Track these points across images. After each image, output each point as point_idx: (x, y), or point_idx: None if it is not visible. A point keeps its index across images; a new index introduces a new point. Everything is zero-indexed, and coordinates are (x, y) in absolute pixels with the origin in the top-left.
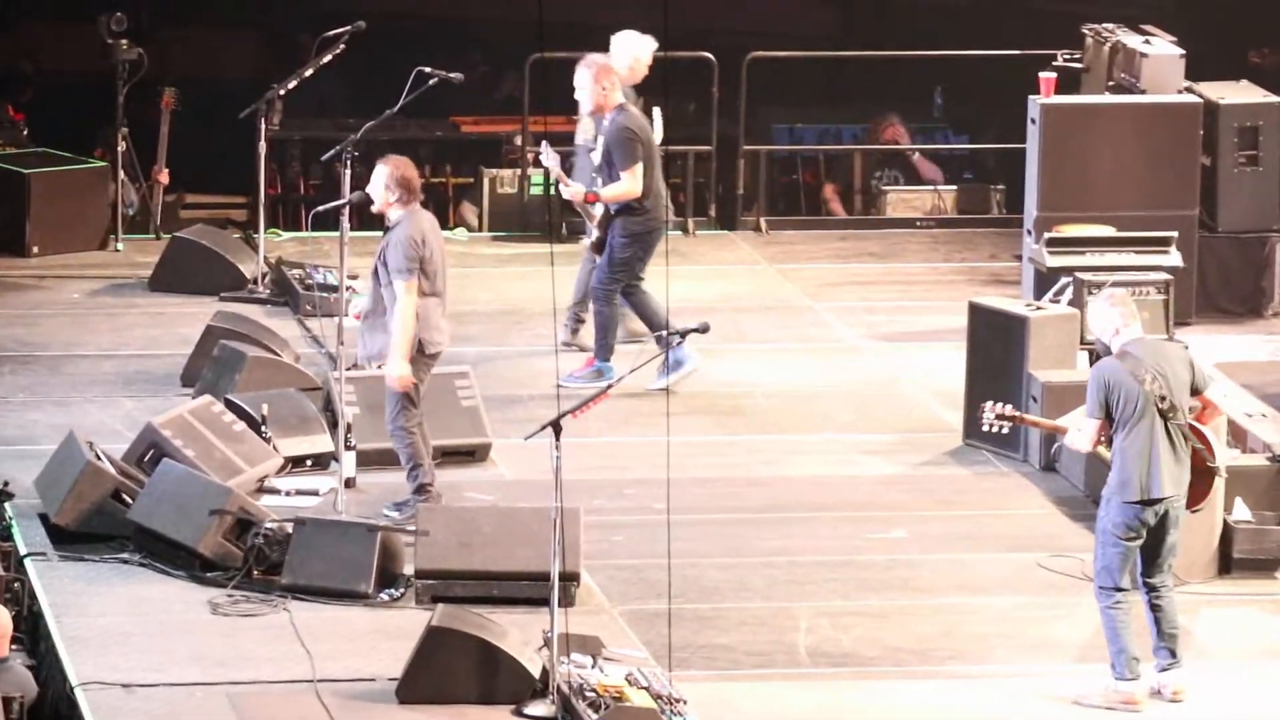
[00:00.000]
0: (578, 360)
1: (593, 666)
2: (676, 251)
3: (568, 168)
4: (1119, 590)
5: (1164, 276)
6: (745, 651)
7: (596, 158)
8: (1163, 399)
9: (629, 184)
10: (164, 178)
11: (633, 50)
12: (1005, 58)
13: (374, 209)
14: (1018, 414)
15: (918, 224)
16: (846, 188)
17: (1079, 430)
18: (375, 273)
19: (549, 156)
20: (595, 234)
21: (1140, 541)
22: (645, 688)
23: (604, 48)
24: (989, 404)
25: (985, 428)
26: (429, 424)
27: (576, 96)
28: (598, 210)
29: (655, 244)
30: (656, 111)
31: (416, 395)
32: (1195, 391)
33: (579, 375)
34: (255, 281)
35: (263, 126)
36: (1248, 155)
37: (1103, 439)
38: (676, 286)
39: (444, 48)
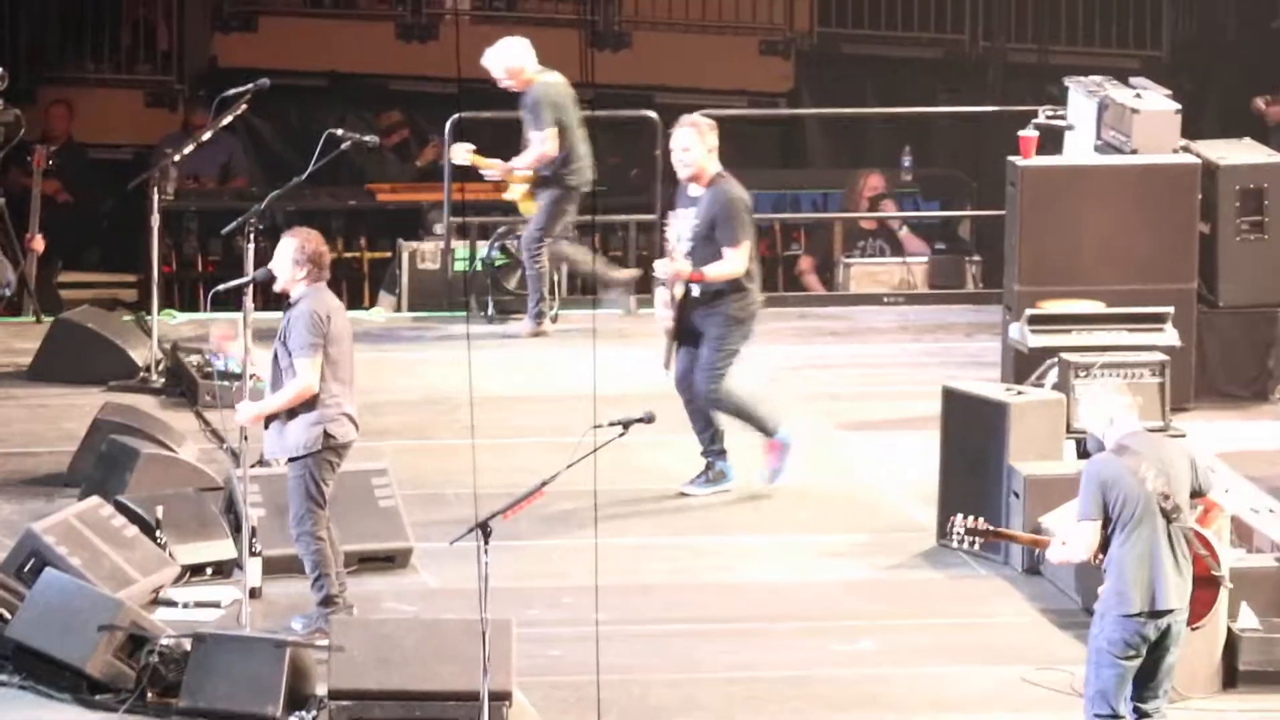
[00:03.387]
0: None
1: None
2: (617, 332)
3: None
4: (1115, 718)
5: (1159, 357)
6: None
7: (684, 229)
8: (1165, 498)
9: (737, 261)
10: (38, 245)
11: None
12: (980, 115)
13: (277, 287)
14: (991, 529)
15: (885, 300)
16: (824, 260)
17: (1065, 542)
18: (275, 357)
19: (676, 229)
20: (669, 323)
21: (1139, 661)
22: None
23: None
24: (959, 518)
25: (956, 545)
26: (341, 527)
27: (675, 159)
28: (679, 291)
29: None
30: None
31: (322, 495)
32: (1197, 493)
33: (699, 483)
34: (148, 369)
35: (155, 197)
36: (1251, 222)
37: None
38: (617, 371)
39: (359, 107)
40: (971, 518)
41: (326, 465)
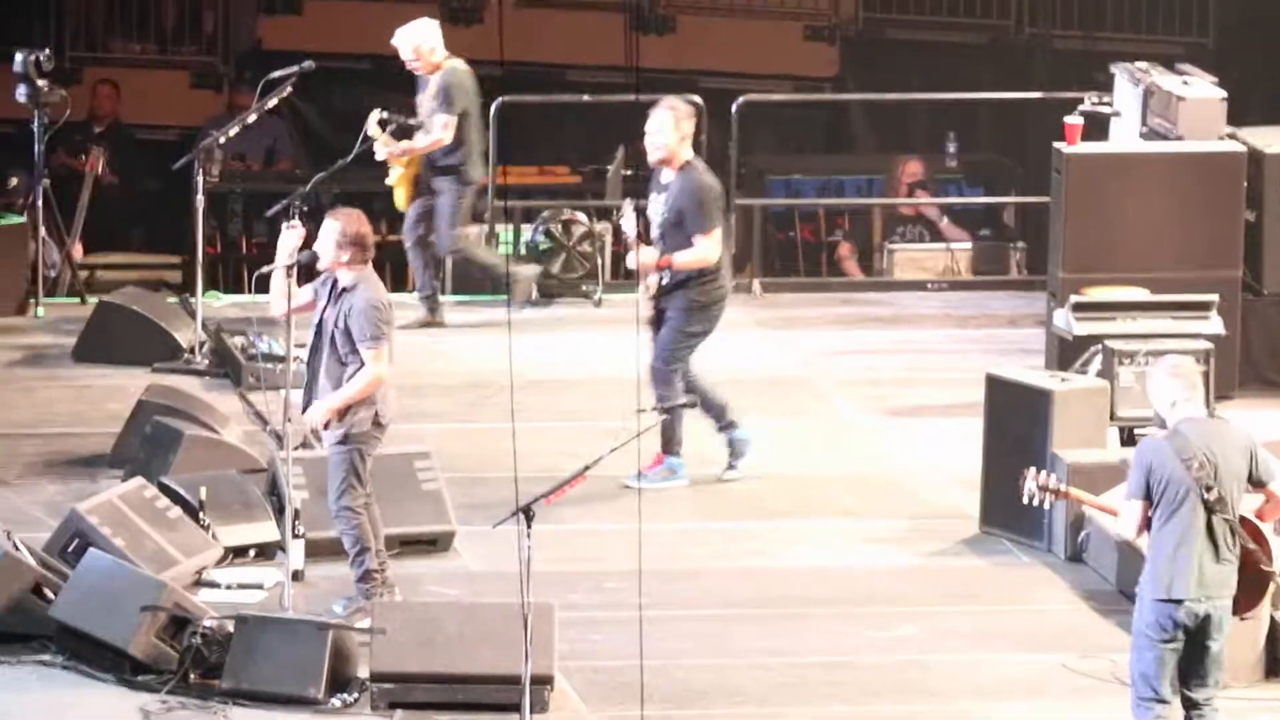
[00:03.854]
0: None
1: None
2: None
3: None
4: (1159, 701)
5: (1204, 345)
6: None
7: (655, 216)
8: (1209, 489)
9: (707, 249)
10: (78, 252)
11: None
12: (1026, 101)
13: (321, 267)
14: (1064, 488)
15: (929, 286)
16: (864, 246)
17: (1121, 516)
18: (326, 341)
19: (629, 219)
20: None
21: (1177, 645)
22: None
23: (578, 91)
24: (1031, 471)
25: (1026, 499)
26: (384, 509)
27: (647, 142)
28: (654, 280)
29: (719, 317)
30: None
31: (364, 471)
32: (1258, 484)
33: (651, 474)
34: (192, 351)
35: (200, 179)
36: None
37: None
38: None
39: (400, 89)
40: (1045, 473)
41: (372, 442)
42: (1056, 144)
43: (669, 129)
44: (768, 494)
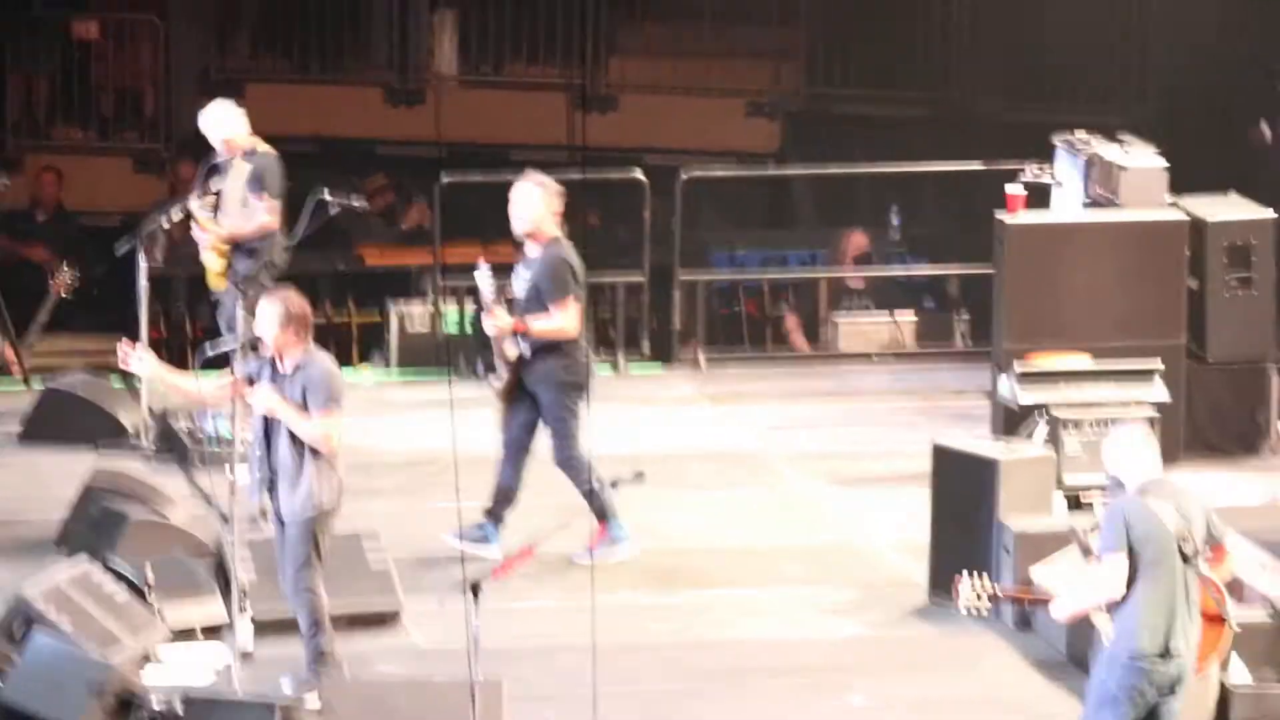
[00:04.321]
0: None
1: None
2: (608, 390)
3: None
4: None
5: (1148, 412)
6: None
7: (519, 290)
8: (1185, 541)
9: (563, 319)
10: (9, 354)
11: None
12: (968, 173)
13: (266, 352)
14: (999, 591)
15: (873, 358)
16: (810, 319)
17: (1090, 580)
18: (271, 440)
19: (485, 278)
20: (503, 378)
21: (1148, 705)
22: None
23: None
24: (965, 577)
25: (964, 611)
26: (332, 588)
27: (512, 214)
28: (511, 351)
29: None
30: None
31: (324, 548)
32: (1211, 541)
33: (599, 547)
34: (137, 434)
35: (143, 263)
36: (1239, 277)
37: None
38: (607, 431)
39: (346, 171)
40: (981, 578)
41: (330, 522)
42: (998, 214)
43: (535, 202)
44: (717, 566)
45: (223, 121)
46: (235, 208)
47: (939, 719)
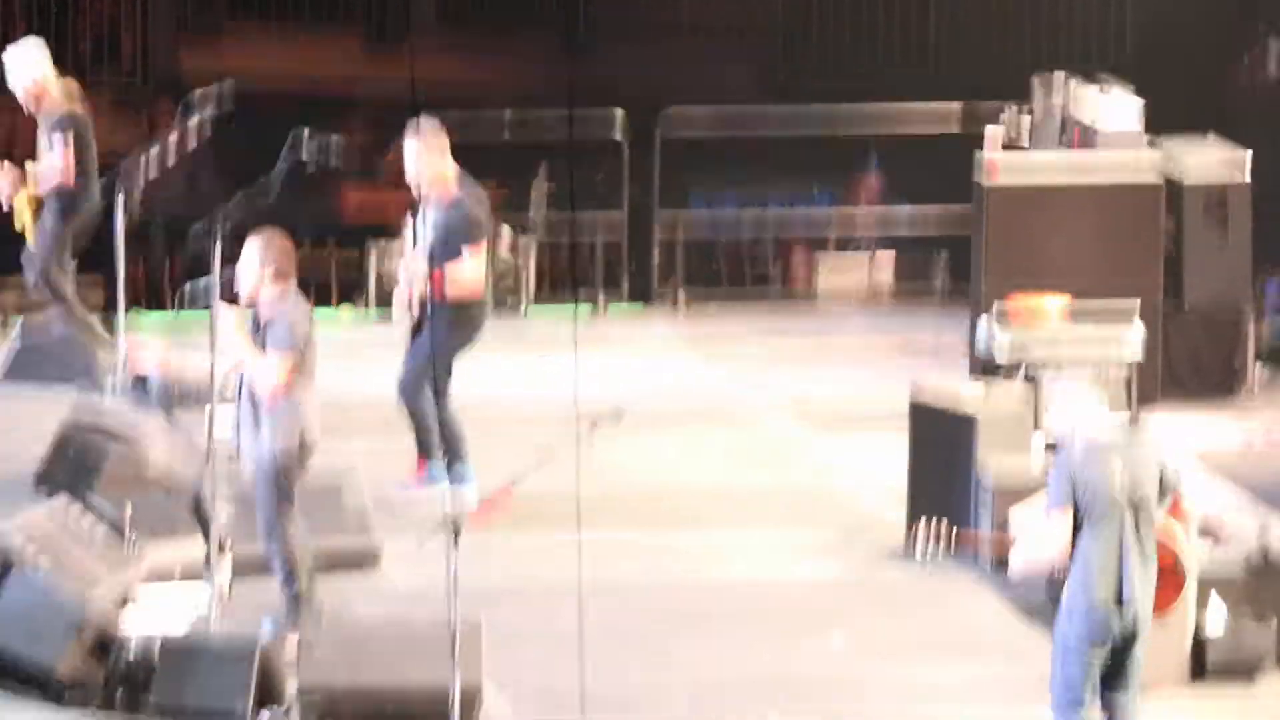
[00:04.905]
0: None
1: None
2: (586, 331)
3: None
4: (1081, 706)
5: (1130, 353)
6: None
7: (426, 230)
8: (1134, 491)
9: (475, 263)
10: None
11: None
12: (948, 112)
13: (243, 291)
14: (955, 533)
15: (853, 298)
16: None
17: (1034, 539)
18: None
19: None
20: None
21: (1105, 652)
22: None
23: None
24: (921, 523)
25: (919, 557)
26: (310, 529)
27: (408, 175)
28: (417, 294)
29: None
30: None
31: (292, 495)
32: (1165, 489)
33: (412, 485)
34: (115, 370)
35: (121, 199)
36: (1215, 224)
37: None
38: (585, 369)
39: (326, 113)
40: (935, 521)
41: (298, 466)
42: (977, 178)
43: (424, 155)
44: (694, 507)
45: (32, 68)
46: (43, 157)
47: (918, 662)
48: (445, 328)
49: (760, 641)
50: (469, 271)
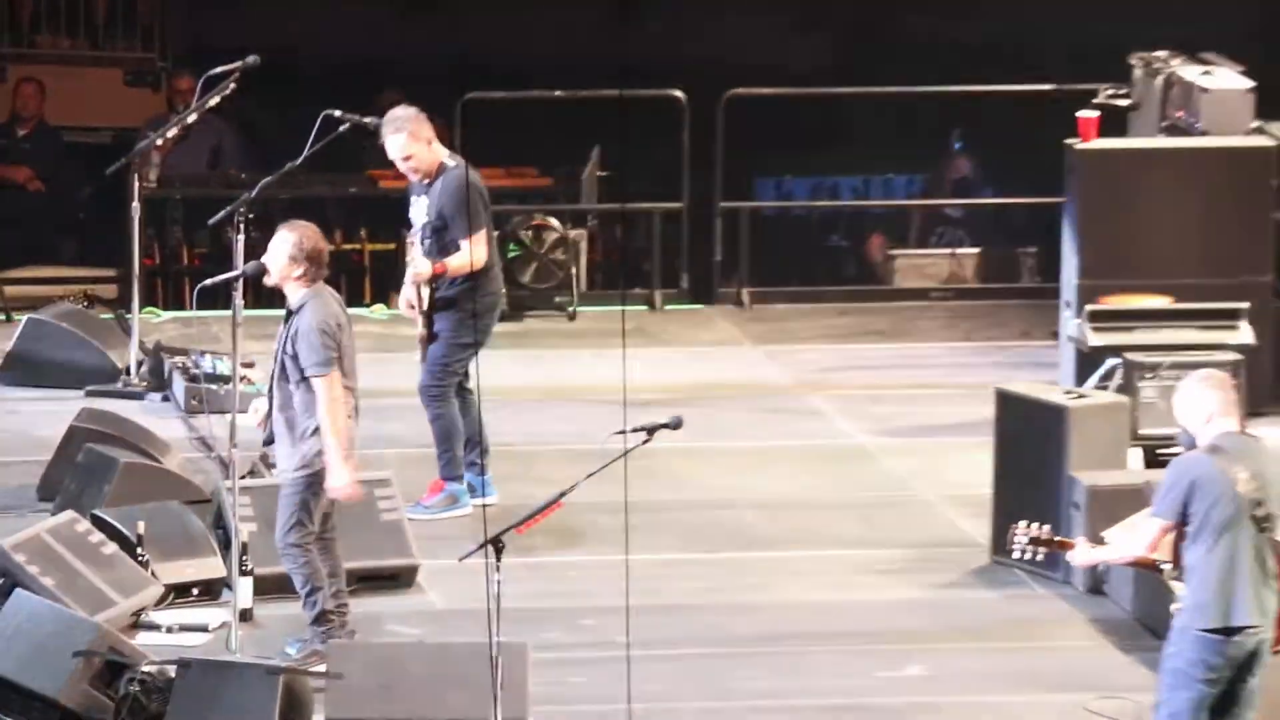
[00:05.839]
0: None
1: None
2: (640, 330)
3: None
4: None
5: (1233, 357)
6: None
7: (416, 220)
8: (1259, 505)
9: (474, 252)
10: None
11: None
12: (1037, 94)
13: (270, 281)
14: (1056, 538)
15: (932, 295)
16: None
17: (1127, 527)
18: (280, 368)
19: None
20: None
21: (1220, 682)
22: None
23: (546, 86)
24: (1022, 525)
25: (1018, 555)
26: (341, 542)
27: (401, 167)
28: (425, 294)
29: (492, 327)
30: None
31: (314, 506)
32: None
33: (429, 505)
34: (128, 372)
35: (136, 184)
36: None
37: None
38: (639, 373)
39: (358, 87)
40: (1035, 525)
41: (322, 480)
42: (1069, 141)
43: (413, 147)
44: (761, 522)
45: None
46: None
47: (1004, 692)
48: (453, 325)
49: (828, 668)
50: (470, 264)
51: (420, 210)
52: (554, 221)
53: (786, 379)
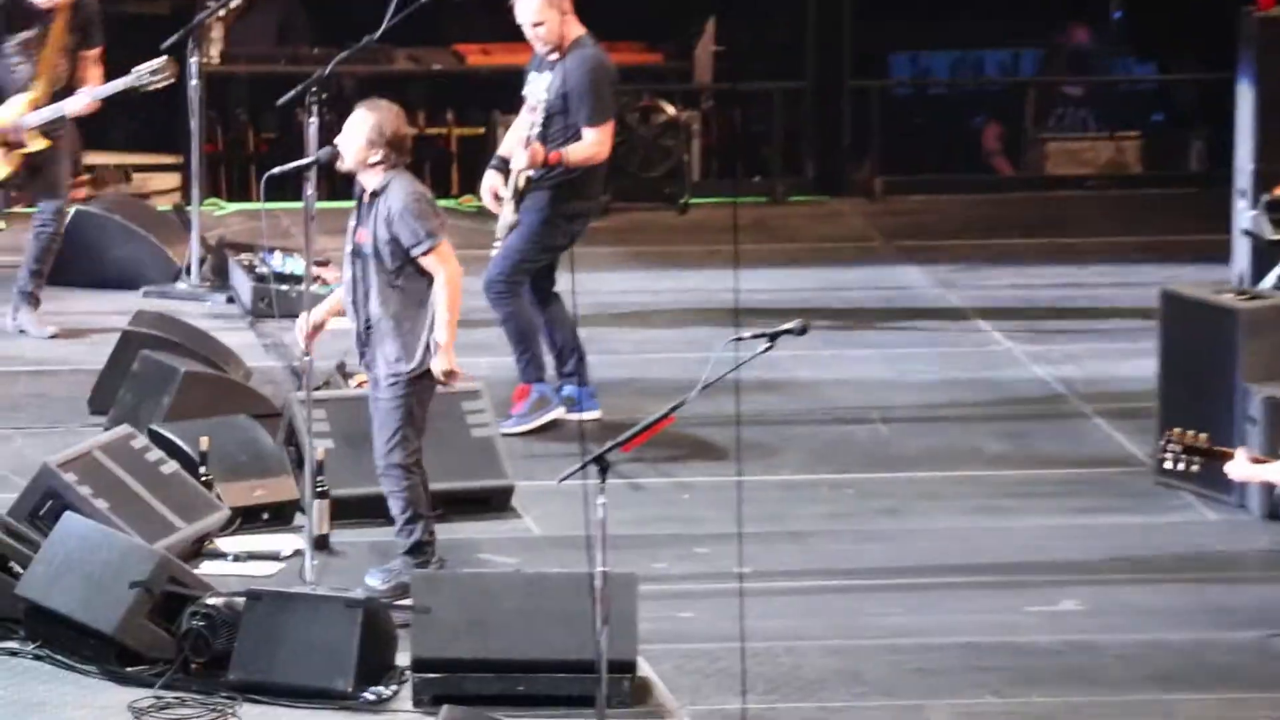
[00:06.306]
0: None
1: None
2: (761, 225)
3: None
4: None
5: None
6: None
7: (537, 105)
8: None
9: (598, 144)
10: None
11: None
12: None
13: (344, 167)
14: (1217, 447)
15: (1088, 184)
16: (1015, 134)
17: None
18: (377, 260)
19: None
20: (512, 218)
21: None
22: None
23: None
24: (1175, 432)
25: (1170, 465)
26: (428, 461)
27: (528, 34)
28: (522, 183)
29: (583, 232)
30: None
31: (421, 420)
32: None
33: (521, 414)
34: (188, 271)
35: (195, 62)
36: None
37: None
38: (759, 271)
39: None
40: (1191, 432)
41: (429, 385)
42: (1246, 8)
43: (545, 13)
44: (895, 438)
45: None
46: None
47: (1172, 629)
48: (542, 221)
49: (970, 603)
50: (592, 156)
51: (539, 88)
52: (664, 103)
53: (923, 279)
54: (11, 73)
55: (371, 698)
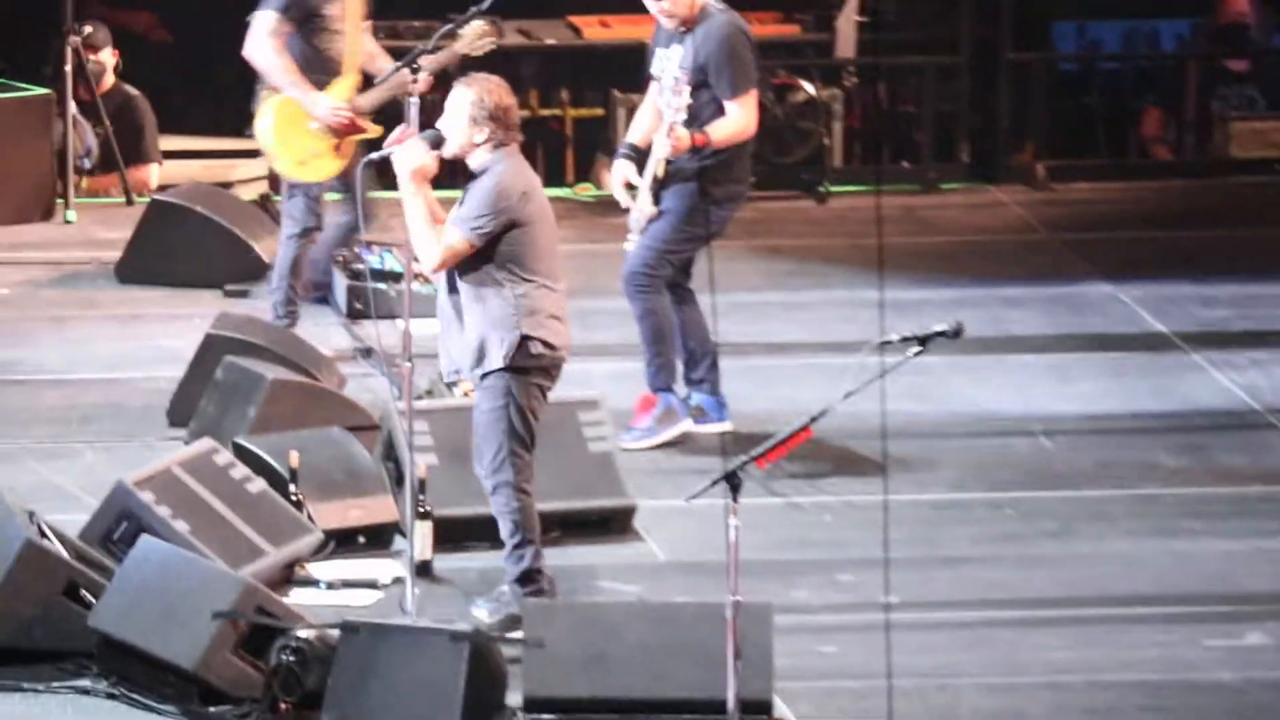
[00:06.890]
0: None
1: None
2: (910, 215)
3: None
4: None
5: None
6: None
7: (677, 85)
8: None
9: (744, 118)
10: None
11: None
12: None
13: (448, 152)
14: None
15: (1277, 168)
16: (1175, 115)
17: None
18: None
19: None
20: (650, 209)
21: None
22: None
23: None
24: None
25: None
26: (540, 478)
27: (652, 8)
28: (660, 170)
29: (730, 219)
30: None
31: (529, 431)
32: None
33: (646, 426)
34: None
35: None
36: None
37: None
38: (906, 269)
39: None
40: None
41: (535, 389)
42: None
43: None
44: (1061, 452)
45: None
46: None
47: None
48: (686, 207)
49: (1144, 637)
50: (739, 131)
51: (669, 65)
52: (802, 80)
53: (1091, 272)
54: (327, 46)
55: None
